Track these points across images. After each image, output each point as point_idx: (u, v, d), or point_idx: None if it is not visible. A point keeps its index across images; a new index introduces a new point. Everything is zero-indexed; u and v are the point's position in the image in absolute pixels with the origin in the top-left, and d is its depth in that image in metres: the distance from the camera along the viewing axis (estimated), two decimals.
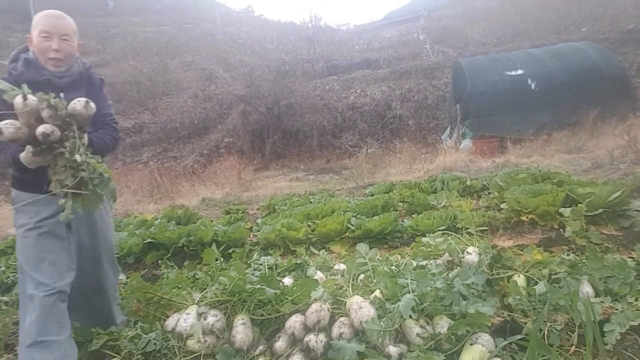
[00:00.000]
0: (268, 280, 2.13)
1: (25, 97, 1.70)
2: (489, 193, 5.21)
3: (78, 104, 1.80)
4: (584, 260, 2.36)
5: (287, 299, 2.12)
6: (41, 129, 1.71)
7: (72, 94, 2.02)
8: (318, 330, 1.94)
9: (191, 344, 2.04)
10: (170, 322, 2.23)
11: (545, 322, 1.84)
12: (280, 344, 1.97)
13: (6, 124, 1.70)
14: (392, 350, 1.77)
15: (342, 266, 2.88)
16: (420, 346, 1.75)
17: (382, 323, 1.85)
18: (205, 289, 2.44)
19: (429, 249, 2.87)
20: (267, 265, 2.91)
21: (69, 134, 1.78)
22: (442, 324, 1.84)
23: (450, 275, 2.33)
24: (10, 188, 2.21)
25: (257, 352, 1.99)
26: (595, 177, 5.90)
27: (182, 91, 19.63)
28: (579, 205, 3.47)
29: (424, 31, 25.23)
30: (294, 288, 2.12)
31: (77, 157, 1.73)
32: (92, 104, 1.85)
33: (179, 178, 11.79)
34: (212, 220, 5.43)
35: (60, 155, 1.75)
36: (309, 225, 4.38)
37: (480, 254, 2.49)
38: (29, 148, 1.78)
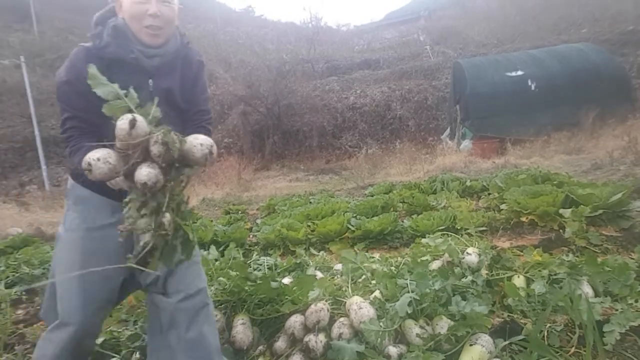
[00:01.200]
0: (268, 280, 2.13)
1: (133, 123, 1.23)
2: (489, 194, 5.21)
3: (199, 148, 1.31)
4: (583, 261, 2.36)
5: (287, 298, 2.12)
6: (143, 177, 1.24)
7: (162, 81, 1.64)
8: (318, 331, 1.94)
9: None
10: None
11: (544, 322, 1.84)
12: (280, 344, 1.97)
13: (99, 159, 1.26)
14: (392, 350, 1.77)
15: (342, 266, 2.88)
16: (419, 347, 1.75)
17: (381, 323, 1.85)
18: None
19: (428, 250, 2.87)
20: (267, 265, 2.91)
21: (172, 182, 1.32)
22: (442, 325, 1.84)
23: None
24: (68, 176, 1.79)
25: (257, 352, 2.00)
26: (595, 178, 5.90)
27: None
28: (581, 206, 3.47)
29: (424, 32, 25.25)
30: (294, 287, 2.12)
31: (165, 220, 1.27)
32: (215, 152, 1.33)
33: None
34: (212, 220, 5.42)
35: (151, 203, 1.30)
36: (309, 226, 4.38)
37: (479, 255, 2.50)
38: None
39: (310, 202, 6.19)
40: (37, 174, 15.44)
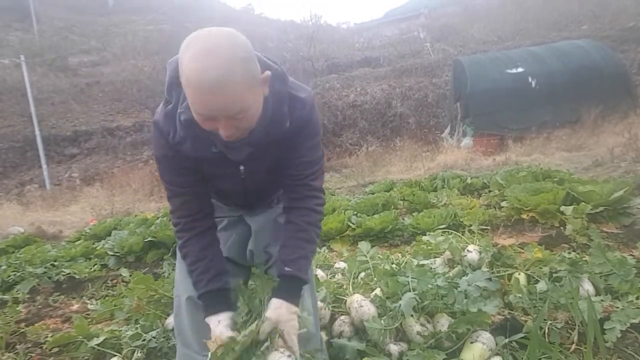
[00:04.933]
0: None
1: None
2: (490, 191, 5.21)
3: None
4: (584, 259, 2.36)
5: None
6: None
7: (255, 165, 1.43)
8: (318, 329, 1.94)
9: None
10: (171, 321, 2.23)
11: (545, 320, 1.84)
12: None
13: None
14: (393, 348, 1.77)
15: (343, 264, 2.88)
16: (420, 344, 1.75)
17: (382, 321, 1.85)
18: None
19: (429, 248, 2.87)
20: None
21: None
22: (443, 322, 1.83)
23: (451, 274, 2.33)
24: None
25: None
26: (596, 175, 5.89)
27: None
28: (582, 204, 3.47)
29: (425, 29, 25.19)
30: None
31: None
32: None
33: None
34: None
35: None
36: None
37: (480, 252, 2.49)
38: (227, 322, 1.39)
39: None
40: (38, 173, 15.42)
